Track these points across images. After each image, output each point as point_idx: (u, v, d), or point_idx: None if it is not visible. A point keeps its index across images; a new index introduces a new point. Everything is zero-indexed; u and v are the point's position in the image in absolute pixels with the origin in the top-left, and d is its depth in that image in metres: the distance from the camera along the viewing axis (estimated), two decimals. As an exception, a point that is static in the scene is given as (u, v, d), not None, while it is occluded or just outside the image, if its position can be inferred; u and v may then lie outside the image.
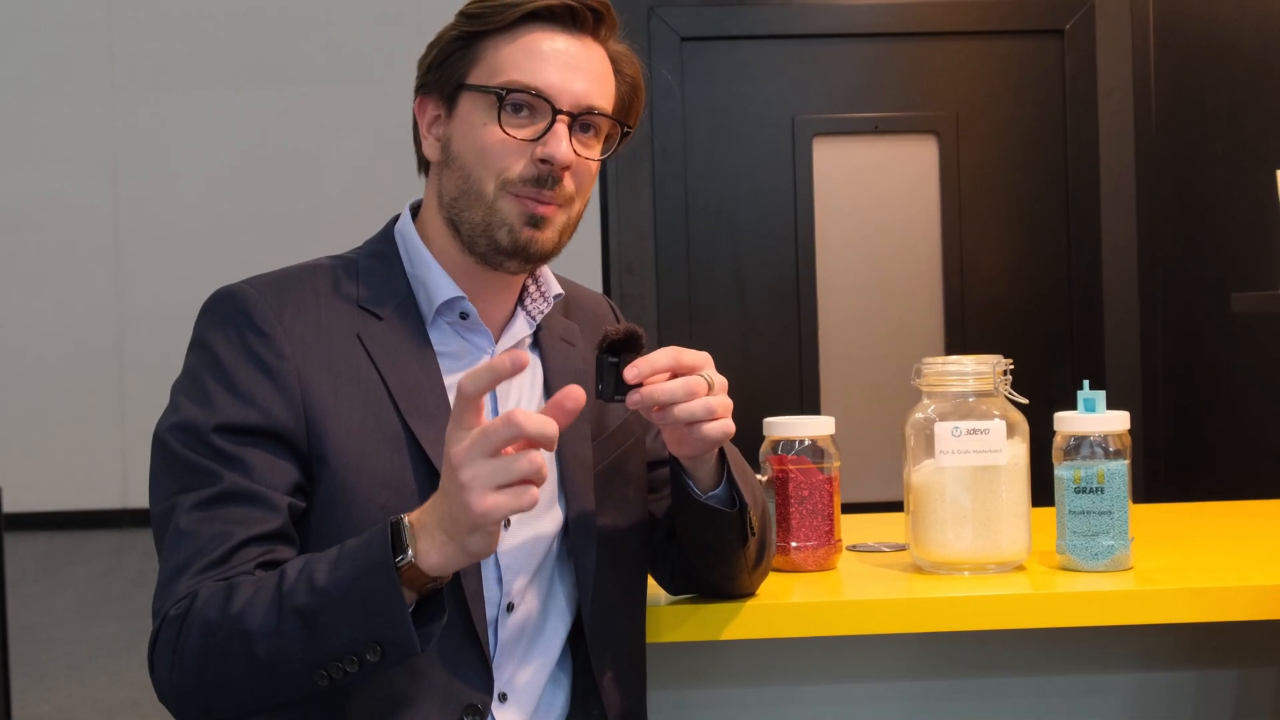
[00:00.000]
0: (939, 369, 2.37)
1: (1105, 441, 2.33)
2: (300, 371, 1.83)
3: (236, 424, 1.80)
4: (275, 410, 1.81)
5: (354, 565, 1.66)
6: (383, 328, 1.91)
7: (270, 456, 1.80)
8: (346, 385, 1.85)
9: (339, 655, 1.66)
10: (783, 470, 2.40)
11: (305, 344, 1.85)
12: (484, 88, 1.89)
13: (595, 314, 2.16)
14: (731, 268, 4.44)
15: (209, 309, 1.89)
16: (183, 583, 1.75)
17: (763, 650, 2.49)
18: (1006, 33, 4.43)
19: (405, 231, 2.00)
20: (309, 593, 1.67)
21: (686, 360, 1.87)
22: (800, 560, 2.41)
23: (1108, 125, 4.38)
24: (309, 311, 1.88)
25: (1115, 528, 2.32)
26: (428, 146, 1.96)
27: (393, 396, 1.86)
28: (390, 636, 1.65)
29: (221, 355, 1.84)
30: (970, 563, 2.34)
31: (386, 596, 1.64)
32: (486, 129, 1.89)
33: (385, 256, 1.98)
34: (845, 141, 4.46)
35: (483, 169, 1.89)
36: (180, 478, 1.81)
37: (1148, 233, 4.36)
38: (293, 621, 1.67)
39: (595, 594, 1.97)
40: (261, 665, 1.69)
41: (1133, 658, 2.53)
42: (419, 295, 1.95)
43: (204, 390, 1.83)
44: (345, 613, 1.65)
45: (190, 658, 1.71)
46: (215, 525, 1.76)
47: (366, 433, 1.83)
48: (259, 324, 1.84)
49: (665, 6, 4.39)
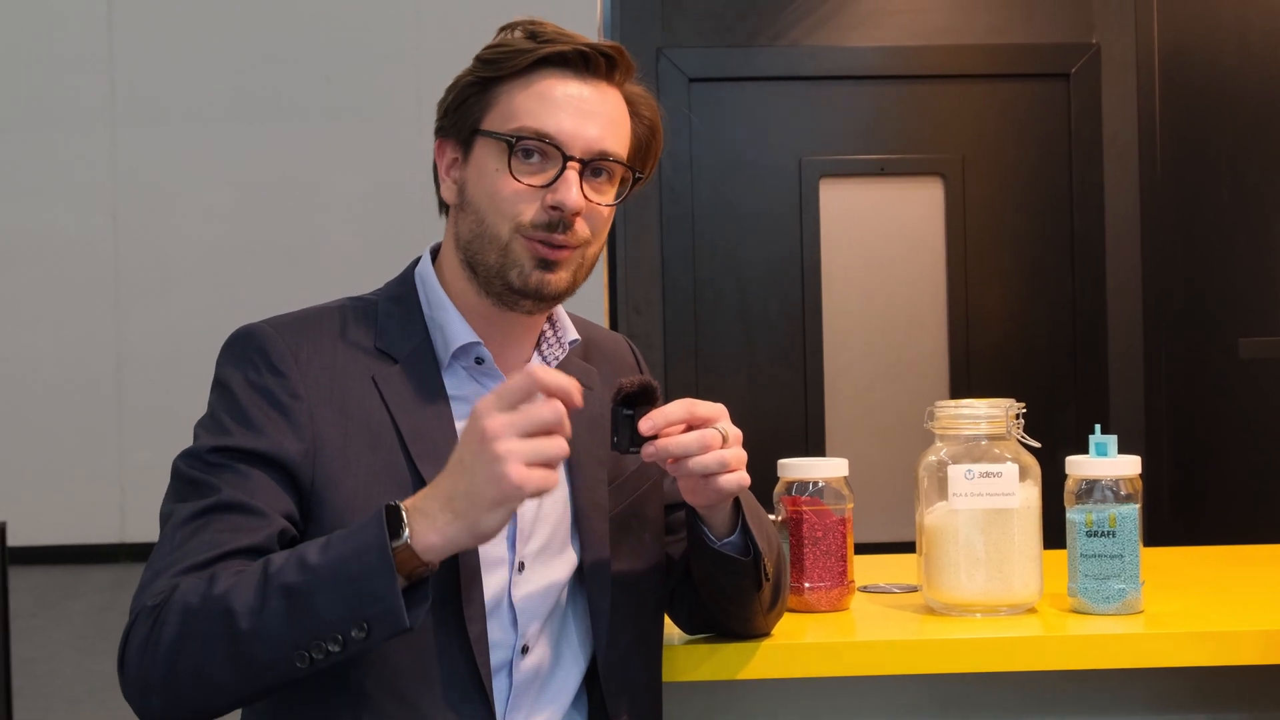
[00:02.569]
0: (952, 412, 2.39)
1: (1117, 485, 2.34)
2: (313, 411, 1.85)
3: (243, 448, 1.82)
4: (285, 444, 1.83)
5: (345, 545, 1.68)
6: (397, 372, 1.92)
7: (269, 480, 1.82)
8: (357, 428, 1.87)
9: (322, 634, 1.66)
10: (796, 511, 2.42)
11: (320, 385, 1.87)
12: (496, 134, 1.91)
13: (615, 356, 2.18)
14: (738, 308, 4.46)
15: (229, 347, 1.92)
16: (162, 581, 1.75)
17: (777, 690, 2.50)
18: (1012, 76, 4.46)
19: (424, 274, 2.01)
20: (298, 571, 1.68)
21: (701, 412, 1.89)
22: (814, 601, 2.42)
23: (1113, 169, 4.41)
24: (325, 353, 1.90)
25: (1126, 571, 2.33)
26: (446, 189, 1.99)
27: (403, 440, 1.87)
28: (379, 613, 1.65)
29: (237, 391, 1.86)
30: (982, 605, 2.35)
31: (379, 574, 1.65)
32: (499, 175, 1.91)
33: (403, 300, 1.99)
34: (851, 183, 4.48)
35: (496, 214, 1.91)
36: (180, 492, 1.84)
37: (1152, 276, 4.37)
38: (278, 599, 1.67)
39: (610, 638, 1.99)
40: (240, 645, 1.68)
41: (1144, 701, 2.54)
42: (435, 339, 1.96)
43: (219, 423, 1.86)
44: (334, 590, 1.66)
45: (165, 644, 1.70)
46: (206, 533, 1.78)
47: (374, 476, 1.85)
48: (275, 363, 1.87)
49: (673, 48, 4.42)
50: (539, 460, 1.65)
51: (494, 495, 1.64)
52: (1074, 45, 4.42)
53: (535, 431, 1.65)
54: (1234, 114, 4.10)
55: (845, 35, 4.45)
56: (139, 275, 12.11)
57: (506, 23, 1.98)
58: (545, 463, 1.65)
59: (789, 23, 4.44)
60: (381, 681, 1.83)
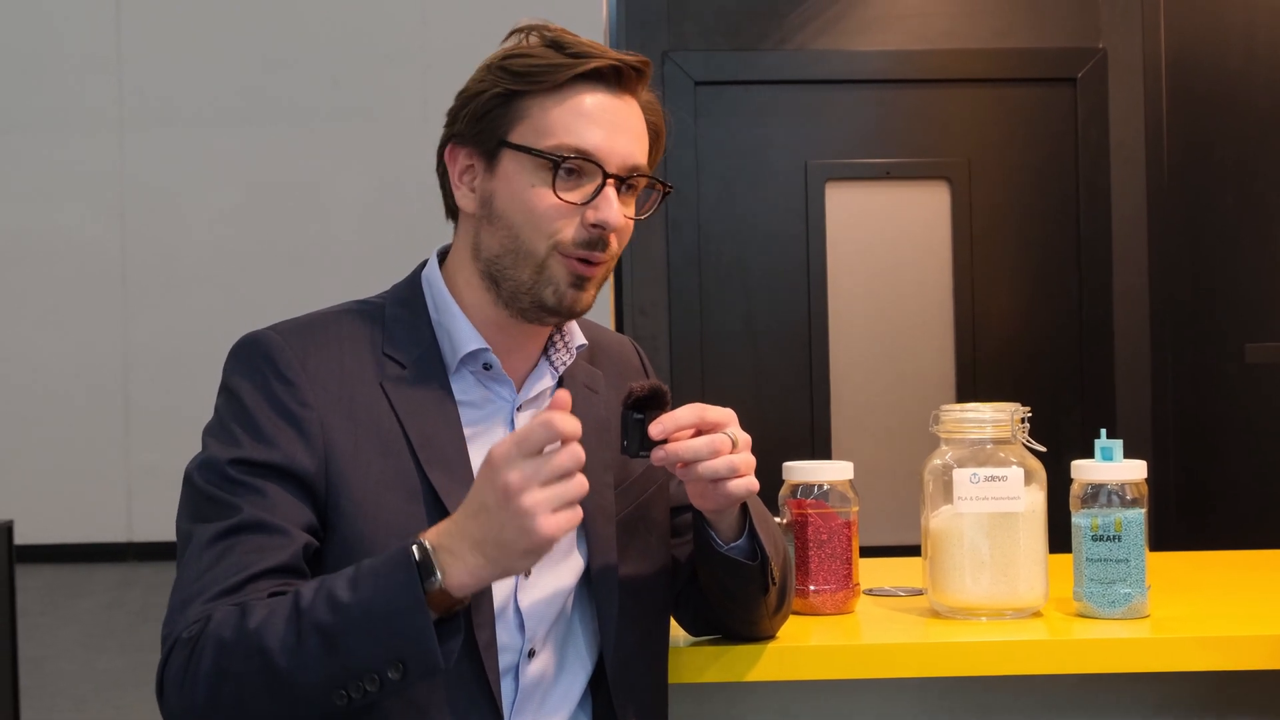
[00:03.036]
0: (957, 416, 2.40)
1: (1123, 490, 2.35)
2: (323, 419, 1.85)
3: (257, 460, 1.81)
4: (297, 455, 1.82)
5: (376, 585, 1.67)
6: (406, 377, 1.91)
7: (287, 494, 1.81)
8: (367, 435, 1.86)
9: (360, 674, 1.66)
10: (802, 514, 2.42)
11: (329, 392, 1.86)
12: (534, 150, 1.89)
13: (620, 359, 2.18)
14: (743, 310, 4.46)
15: (235, 355, 1.91)
16: (194, 608, 1.75)
17: (782, 692, 2.50)
18: (1019, 80, 4.46)
19: (432, 279, 2.00)
20: (329, 610, 1.67)
21: (710, 417, 1.89)
22: (819, 604, 2.42)
23: (1119, 173, 4.41)
24: (333, 359, 1.89)
25: (1132, 575, 2.34)
26: (461, 197, 1.96)
27: (413, 447, 1.87)
28: (414, 654, 1.66)
29: (246, 401, 1.85)
30: (988, 608, 2.35)
31: (412, 617, 1.65)
32: (535, 191, 1.89)
33: (410, 304, 1.98)
34: (858, 186, 4.48)
35: (533, 231, 1.90)
36: (200, 509, 1.82)
37: (1159, 280, 4.37)
38: (313, 639, 1.67)
39: (617, 641, 1.99)
40: (279, 683, 1.68)
41: (1150, 706, 2.54)
42: (443, 344, 1.96)
43: (229, 432, 1.84)
44: (368, 632, 1.66)
45: (203, 678, 1.71)
46: (232, 556, 1.77)
47: (385, 483, 1.84)
48: (284, 371, 1.86)
49: (680, 51, 4.42)
50: (564, 505, 1.65)
51: (525, 546, 1.65)
52: (1080, 50, 4.43)
53: (557, 479, 1.65)
54: (1241, 119, 4.11)
55: (851, 39, 4.45)
56: (146, 276, 12.12)
57: (516, 26, 1.96)
58: (569, 504, 1.66)
59: (795, 27, 4.45)
60: None
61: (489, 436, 1.95)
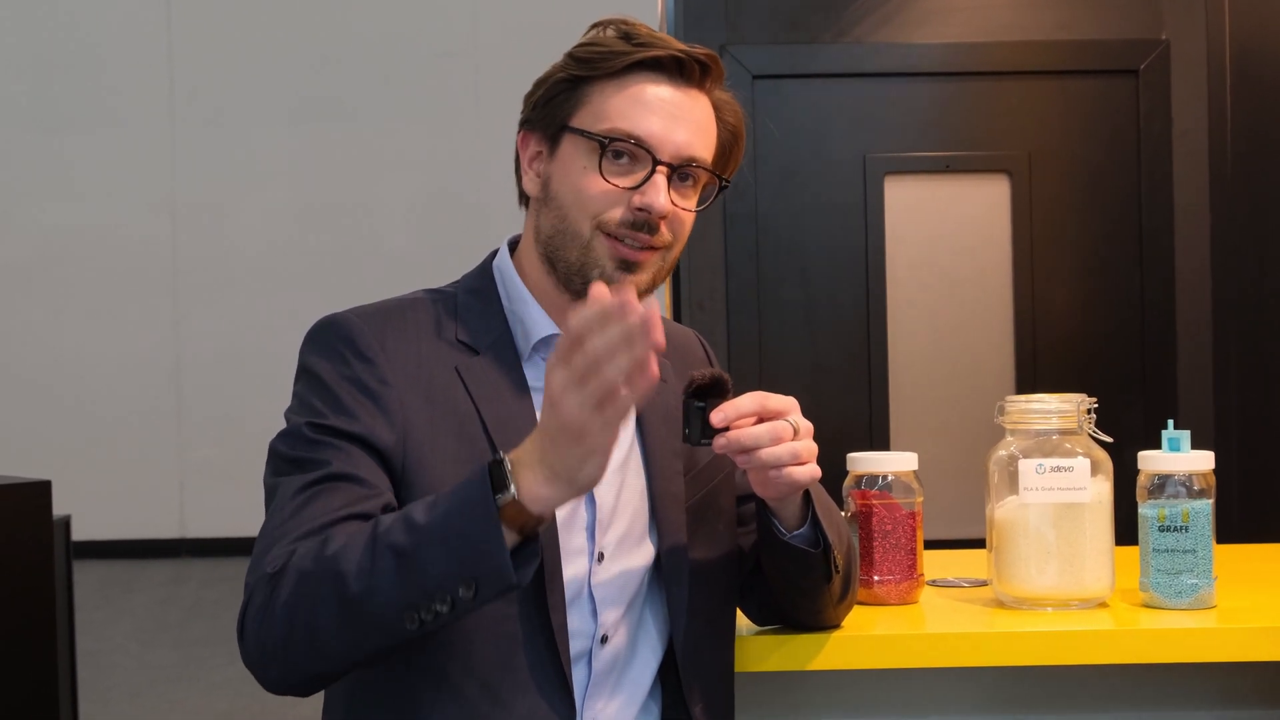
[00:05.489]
0: (1023, 407, 2.39)
1: (1190, 481, 2.34)
2: (402, 398, 1.86)
3: (340, 428, 1.83)
4: (377, 429, 1.84)
5: (451, 503, 1.67)
6: (480, 363, 1.93)
7: (368, 458, 1.83)
8: (443, 417, 1.88)
9: (431, 593, 1.65)
10: (866, 505, 2.42)
11: (407, 372, 1.88)
12: (587, 133, 1.92)
13: (685, 349, 2.19)
14: (802, 304, 4.45)
15: (313, 336, 1.93)
16: (278, 548, 1.76)
17: (847, 681, 2.51)
18: (1080, 72, 4.44)
19: (503, 267, 2.02)
20: (405, 531, 1.67)
21: (772, 405, 1.90)
22: (883, 594, 2.42)
23: (1182, 164, 4.38)
24: (410, 342, 1.91)
25: (1199, 566, 2.32)
26: (528, 181, 1.99)
27: (487, 430, 1.88)
28: (486, 570, 1.64)
29: (326, 379, 1.87)
30: (1054, 599, 2.35)
31: (484, 530, 1.64)
32: (587, 173, 1.92)
33: (483, 293, 2.00)
34: (917, 180, 4.47)
35: (580, 211, 1.92)
36: (283, 470, 1.84)
37: (1222, 272, 4.35)
38: (387, 558, 1.66)
39: (687, 627, 1.99)
40: (350, 609, 1.68)
41: (1214, 696, 2.53)
42: (515, 331, 1.97)
43: (310, 406, 1.87)
44: (441, 548, 1.65)
45: (279, 608, 1.71)
46: (318, 502, 1.79)
47: (460, 464, 1.84)
48: (363, 350, 1.88)
49: (738, 44, 4.42)
50: (601, 397, 1.58)
51: (579, 451, 1.61)
52: (1143, 41, 4.40)
53: (590, 374, 1.57)
54: (1305, 109, 4.08)
55: (910, 32, 4.44)
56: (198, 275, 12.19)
57: (599, 20, 1.99)
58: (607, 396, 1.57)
59: (853, 19, 4.44)
60: (464, 666, 1.84)
61: None
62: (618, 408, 1.58)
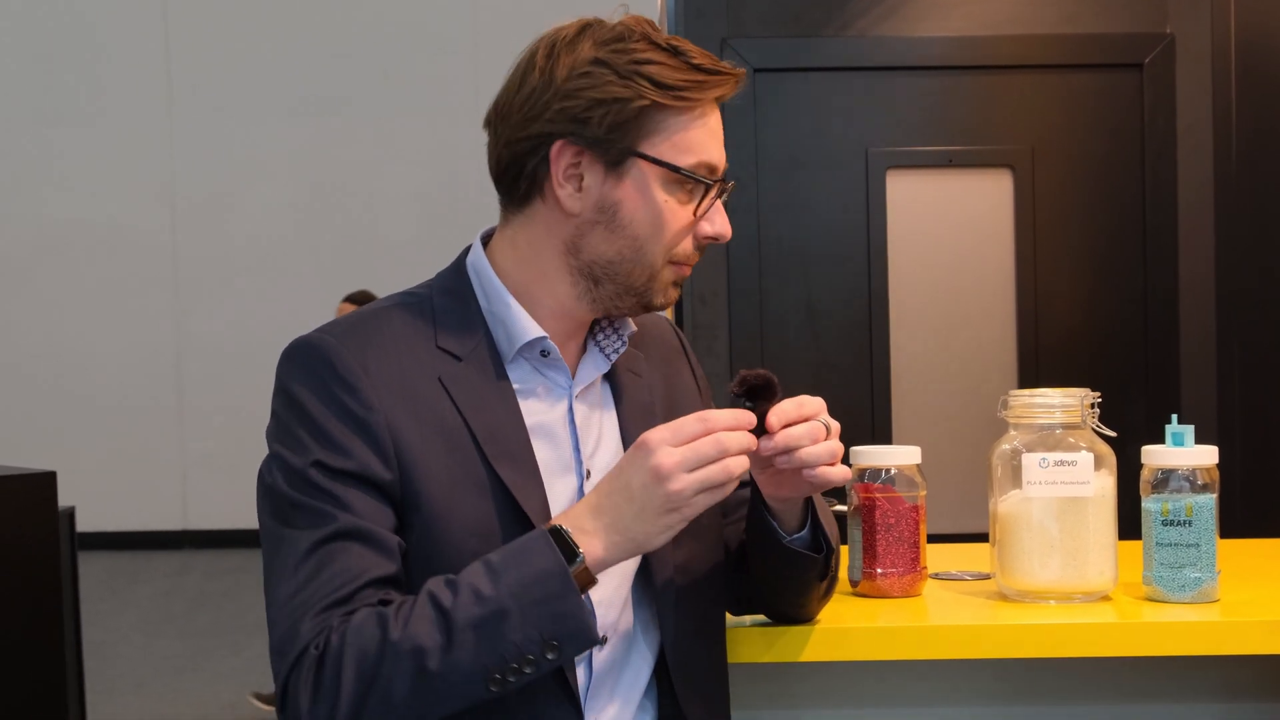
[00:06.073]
0: (1026, 401, 2.40)
1: (1193, 475, 2.34)
2: (389, 421, 1.84)
3: (336, 467, 1.81)
4: (370, 463, 1.82)
5: (523, 572, 1.74)
6: (463, 369, 1.90)
7: (372, 500, 1.82)
8: (432, 432, 1.86)
9: (515, 658, 1.72)
10: (869, 498, 2.43)
11: (391, 392, 1.85)
12: (673, 166, 1.88)
13: (660, 340, 2.17)
14: (803, 298, 4.46)
15: (292, 359, 1.89)
16: (307, 623, 1.76)
17: (849, 673, 2.51)
18: (1084, 67, 4.43)
19: (479, 267, 1.98)
20: (477, 603, 1.72)
21: (809, 407, 1.91)
22: (886, 586, 2.43)
23: (1186, 160, 4.38)
24: (391, 358, 1.88)
25: (1202, 560, 2.33)
26: (567, 196, 1.90)
27: (477, 441, 1.87)
28: (571, 633, 1.73)
29: (311, 409, 1.84)
30: (1057, 592, 2.35)
31: (566, 597, 1.73)
32: (669, 207, 1.90)
33: (459, 294, 1.97)
34: (919, 174, 4.47)
35: (657, 243, 1.91)
36: (287, 516, 1.82)
37: (1225, 268, 4.35)
38: (466, 634, 1.72)
39: (677, 624, 2.00)
40: (432, 685, 1.73)
41: (1217, 689, 2.54)
42: (496, 333, 1.94)
43: (299, 440, 1.84)
44: (520, 618, 1.72)
45: (346, 687, 1.73)
46: (334, 565, 1.78)
47: (454, 480, 1.85)
48: (345, 376, 1.84)
49: (739, 38, 4.42)
50: (707, 489, 1.76)
51: (667, 523, 1.77)
52: (1147, 35, 4.40)
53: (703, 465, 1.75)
54: (1310, 105, 4.08)
55: (913, 25, 4.44)
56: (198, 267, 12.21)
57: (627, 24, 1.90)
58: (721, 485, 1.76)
59: (855, 13, 4.44)
60: None
61: (549, 425, 1.95)
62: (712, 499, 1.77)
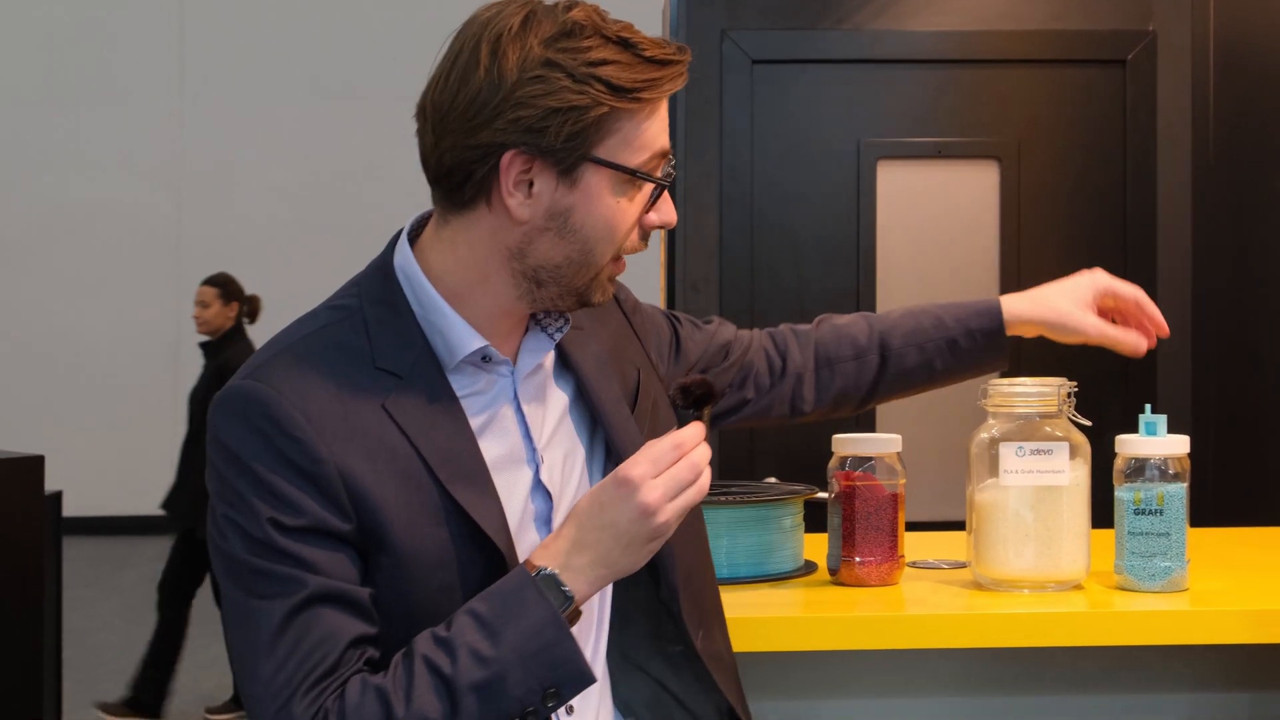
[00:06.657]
0: (1004, 390, 2.44)
1: (1165, 465, 2.38)
2: (340, 468, 1.76)
3: (291, 525, 1.74)
4: (326, 517, 1.75)
5: (519, 626, 1.73)
6: (406, 389, 1.82)
7: (333, 553, 1.76)
8: (385, 467, 1.78)
9: (519, 713, 1.72)
10: (849, 485, 2.46)
11: (338, 436, 1.77)
12: (633, 171, 1.80)
13: None
14: (794, 286, 4.49)
15: (228, 412, 1.79)
16: (299, 704, 1.71)
17: (826, 662, 2.54)
18: (1069, 62, 4.47)
19: (409, 272, 1.89)
20: (479, 665, 1.71)
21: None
22: (864, 575, 2.46)
23: (1166, 154, 4.41)
24: (331, 395, 1.79)
25: (1173, 549, 2.37)
26: (516, 204, 1.80)
27: (430, 468, 1.80)
28: (568, 678, 1.74)
29: (254, 467, 1.75)
30: (1030, 581, 2.39)
31: (561, 645, 1.73)
32: (620, 207, 1.82)
33: (392, 304, 1.87)
34: (909, 165, 4.50)
35: (608, 244, 1.83)
36: (251, 584, 1.75)
37: (1202, 261, 4.39)
38: (470, 697, 1.71)
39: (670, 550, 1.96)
40: None
41: (1187, 678, 2.58)
42: (435, 343, 1.85)
43: (246, 501, 1.75)
44: (521, 670, 1.71)
45: None
46: (312, 635, 1.73)
47: (413, 514, 1.78)
48: (286, 429, 1.75)
49: (737, 30, 4.45)
50: (691, 502, 1.77)
51: (650, 549, 1.78)
52: (1131, 32, 4.43)
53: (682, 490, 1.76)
54: (1289, 103, 4.11)
55: (907, 20, 4.47)
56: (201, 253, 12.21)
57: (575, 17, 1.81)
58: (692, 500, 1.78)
59: (852, 7, 4.47)
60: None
61: (498, 421, 1.89)
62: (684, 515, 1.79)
